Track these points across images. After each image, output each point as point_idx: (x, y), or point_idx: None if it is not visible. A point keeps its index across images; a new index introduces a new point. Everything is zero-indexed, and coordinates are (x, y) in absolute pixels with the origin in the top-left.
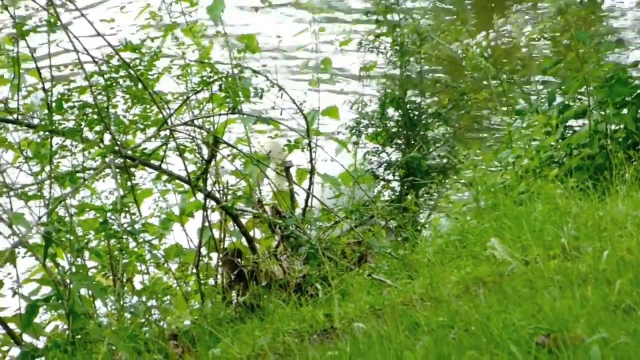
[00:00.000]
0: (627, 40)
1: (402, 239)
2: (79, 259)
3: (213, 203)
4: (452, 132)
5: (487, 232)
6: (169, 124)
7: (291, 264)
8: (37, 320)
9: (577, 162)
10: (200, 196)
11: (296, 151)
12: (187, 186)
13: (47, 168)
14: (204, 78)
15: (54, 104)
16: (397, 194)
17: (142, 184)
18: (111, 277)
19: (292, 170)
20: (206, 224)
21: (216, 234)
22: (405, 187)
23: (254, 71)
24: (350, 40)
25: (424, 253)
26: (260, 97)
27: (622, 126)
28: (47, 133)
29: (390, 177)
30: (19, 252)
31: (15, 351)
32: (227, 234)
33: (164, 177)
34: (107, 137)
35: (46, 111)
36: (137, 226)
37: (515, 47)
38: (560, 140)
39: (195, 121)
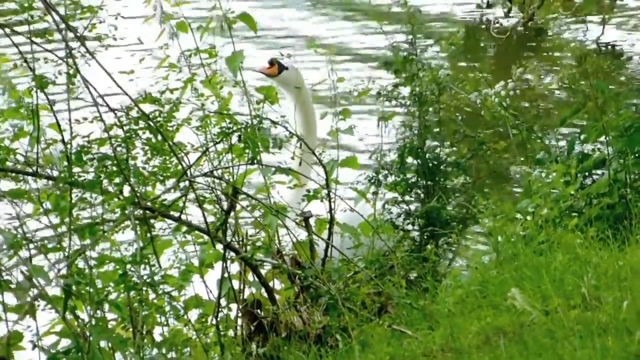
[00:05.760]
0: None
1: (422, 289)
2: (98, 312)
3: (232, 254)
4: (471, 181)
5: (508, 282)
6: (189, 175)
7: (311, 315)
8: None
9: (596, 211)
10: (219, 247)
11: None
12: (206, 237)
13: (67, 220)
14: (223, 129)
15: (73, 156)
16: (417, 243)
17: (161, 235)
18: (131, 329)
19: (312, 221)
20: (225, 275)
21: (235, 284)
22: (425, 237)
23: (273, 122)
24: (369, 90)
25: (444, 303)
26: (280, 148)
27: None
28: (66, 185)
29: (410, 227)
30: (38, 305)
31: None
32: (246, 284)
33: (184, 228)
34: (126, 189)
35: (65, 163)
36: (156, 278)
37: (534, 97)
38: (579, 190)
39: (215, 172)
